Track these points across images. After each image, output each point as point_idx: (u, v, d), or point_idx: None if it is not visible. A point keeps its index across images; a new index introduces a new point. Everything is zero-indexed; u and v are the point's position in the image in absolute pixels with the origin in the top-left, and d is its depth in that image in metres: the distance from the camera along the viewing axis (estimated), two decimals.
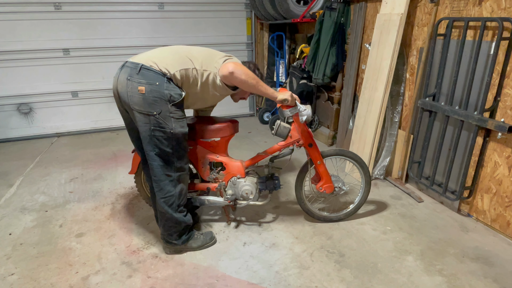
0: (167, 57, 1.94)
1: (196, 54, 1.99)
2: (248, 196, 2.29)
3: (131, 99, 1.86)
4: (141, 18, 4.37)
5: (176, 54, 1.97)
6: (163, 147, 1.93)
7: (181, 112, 1.95)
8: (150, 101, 1.85)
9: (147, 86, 1.84)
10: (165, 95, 1.86)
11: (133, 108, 1.88)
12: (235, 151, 3.68)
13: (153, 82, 1.85)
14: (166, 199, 2.01)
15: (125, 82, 1.87)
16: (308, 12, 3.89)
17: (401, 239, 2.26)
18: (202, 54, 2.01)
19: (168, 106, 1.88)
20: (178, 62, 1.92)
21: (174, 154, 1.96)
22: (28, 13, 3.93)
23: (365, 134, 3.05)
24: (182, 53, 1.97)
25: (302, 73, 4.04)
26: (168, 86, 1.87)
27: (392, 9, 2.82)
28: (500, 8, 2.15)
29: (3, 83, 4.06)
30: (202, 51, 2.04)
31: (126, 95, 1.87)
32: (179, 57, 1.95)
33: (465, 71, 2.39)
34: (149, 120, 1.88)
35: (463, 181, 2.41)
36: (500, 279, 1.91)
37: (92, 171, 3.34)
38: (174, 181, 2.00)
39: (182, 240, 2.11)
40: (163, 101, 1.86)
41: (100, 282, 1.91)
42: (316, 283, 1.89)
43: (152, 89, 1.84)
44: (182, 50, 2.01)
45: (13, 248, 2.20)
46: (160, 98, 1.85)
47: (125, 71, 1.89)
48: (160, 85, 1.85)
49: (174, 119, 1.91)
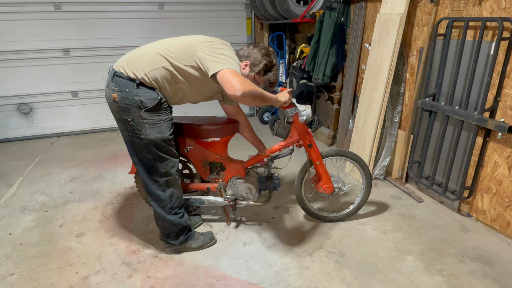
0: (139, 59, 1.84)
1: (173, 48, 1.84)
2: (248, 196, 2.29)
3: (110, 106, 1.89)
4: (141, 18, 4.37)
5: (149, 53, 1.85)
6: (143, 153, 1.89)
7: (157, 116, 1.84)
8: (123, 108, 1.83)
9: (119, 94, 1.81)
10: (135, 101, 1.79)
11: (113, 114, 1.91)
12: (235, 151, 3.68)
13: (124, 89, 1.80)
14: (157, 202, 1.99)
15: (106, 89, 1.89)
16: (308, 12, 3.88)
17: (401, 239, 2.26)
18: (179, 47, 1.85)
19: (140, 112, 1.81)
20: (147, 63, 1.81)
21: (155, 160, 1.90)
22: (28, 13, 3.93)
23: (365, 134, 3.05)
24: (157, 50, 1.84)
25: (302, 73, 4.04)
26: (138, 92, 1.79)
27: (392, 9, 2.81)
28: (500, 8, 2.15)
29: (3, 83, 4.06)
30: (181, 43, 1.87)
31: (108, 102, 1.90)
32: (148, 57, 1.83)
33: (465, 71, 2.39)
34: (126, 127, 1.86)
35: (463, 181, 2.41)
36: (500, 279, 1.91)
37: (92, 171, 3.34)
38: (162, 186, 1.96)
39: (180, 241, 2.10)
40: (134, 107, 1.81)
41: (100, 282, 1.91)
42: (316, 283, 1.89)
43: (123, 96, 1.80)
44: (158, 47, 1.86)
45: (13, 248, 2.20)
46: (131, 105, 1.80)
47: (107, 78, 1.90)
48: (130, 91, 1.79)
49: (149, 125, 1.83)
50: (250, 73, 1.98)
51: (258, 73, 1.99)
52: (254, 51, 1.98)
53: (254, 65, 1.98)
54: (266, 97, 1.82)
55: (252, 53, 1.98)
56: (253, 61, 1.97)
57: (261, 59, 1.97)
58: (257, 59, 1.97)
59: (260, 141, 2.42)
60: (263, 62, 1.97)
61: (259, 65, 1.97)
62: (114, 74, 1.85)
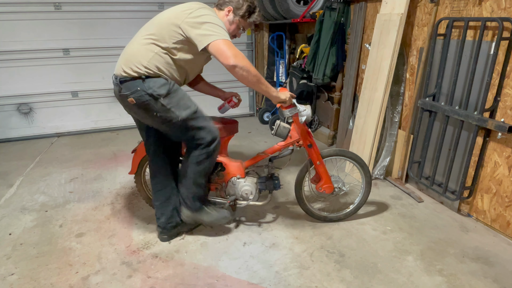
0: (132, 55, 1.86)
1: (154, 29, 1.85)
2: (248, 196, 2.29)
3: (134, 112, 1.97)
4: (141, 18, 4.36)
5: (138, 45, 1.87)
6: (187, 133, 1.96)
7: (176, 97, 1.89)
8: (144, 107, 1.87)
9: (134, 96, 1.85)
10: (150, 95, 1.84)
11: (139, 119, 2.01)
12: (235, 151, 3.68)
13: (135, 90, 1.84)
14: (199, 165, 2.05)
15: (119, 99, 1.95)
16: (308, 12, 3.88)
17: (401, 239, 2.26)
18: (159, 26, 1.85)
19: (160, 101, 1.85)
20: (141, 56, 1.83)
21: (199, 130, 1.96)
22: (28, 13, 3.93)
23: (365, 134, 3.05)
24: (143, 40, 1.86)
25: (302, 73, 4.04)
26: (148, 84, 1.83)
27: (392, 9, 2.81)
28: (500, 8, 2.15)
29: (3, 83, 4.07)
30: (160, 21, 1.86)
31: (131, 112, 1.99)
32: (138, 50, 1.85)
33: (465, 71, 2.39)
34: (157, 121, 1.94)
35: (463, 181, 2.41)
36: (500, 279, 1.91)
37: (92, 171, 3.35)
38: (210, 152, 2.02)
39: (196, 207, 2.13)
40: (152, 100, 1.85)
41: (100, 282, 1.91)
42: (316, 283, 1.89)
43: (138, 96, 1.84)
44: (142, 35, 1.88)
45: (13, 248, 2.20)
46: (148, 100, 1.85)
47: (115, 89, 1.95)
48: (141, 88, 1.83)
49: (174, 107, 1.88)
50: (235, 18, 2.00)
51: (242, 16, 1.99)
52: None
53: (238, 9, 1.98)
54: (264, 81, 1.88)
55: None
56: (236, 4, 1.97)
57: (243, 2, 1.97)
58: (239, 2, 1.97)
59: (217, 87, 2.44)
60: (245, 4, 1.98)
61: (242, 7, 1.98)
62: (119, 81, 1.88)
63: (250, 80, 1.82)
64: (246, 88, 5.20)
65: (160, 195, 2.17)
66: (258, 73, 1.84)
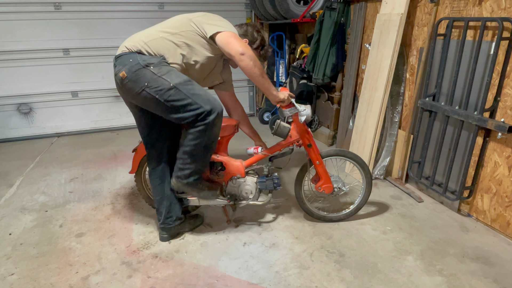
0: (138, 35, 1.97)
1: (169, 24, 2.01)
2: (248, 196, 2.29)
3: (124, 91, 1.94)
4: (141, 18, 4.37)
5: (148, 30, 2.00)
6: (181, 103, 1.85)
7: (166, 67, 1.88)
8: (135, 79, 1.85)
9: (125, 68, 1.86)
10: (141, 64, 1.84)
11: (133, 97, 1.92)
12: (235, 151, 3.68)
13: (127, 61, 1.87)
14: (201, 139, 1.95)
15: (114, 78, 1.96)
16: (308, 12, 3.89)
17: (401, 239, 2.26)
18: (174, 19, 2.04)
19: (149, 70, 1.84)
20: (145, 35, 1.94)
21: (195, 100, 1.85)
22: (28, 13, 3.93)
23: (365, 134, 3.05)
24: (154, 28, 2.00)
25: (302, 73, 4.04)
26: (142, 58, 1.86)
27: (392, 9, 2.81)
28: (500, 8, 2.15)
29: (3, 83, 4.06)
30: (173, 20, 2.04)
31: (122, 92, 1.97)
32: (144, 31, 1.99)
33: (465, 71, 2.39)
34: (150, 94, 1.85)
35: (463, 181, 2.41)
36: (500, 279, 1.91)
37: (92, 171, 3.34)
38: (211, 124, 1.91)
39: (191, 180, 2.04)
40: (142, 69, 1.84)
41: (100, 282, 1.91)
42: (316, 283, 1.89)
43: (129, 66, 1.86)
44: (154, 29, 2.01)
45: (13, 248, 2.20)
46: (139, 70, 1.84)
47: (114, 72, 1.97)
48: (133, 59, 1.86)
49: (165, 74, 1.85)
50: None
51: (256, 48, 2.18)
52: (249, 29, 2.17)
53: (253, 42, 2.16)
54: (266, 77, 1.95)
55: (249, 31, 2.16)
56: (251, 38, 2.16)
57: (257, 36, 2.17)
58: (254, 36, 2.16)
59: (257, 133, 2.50)
60: (258, 38, 2.18)
61: (256, 41, 2.17)
62: (115, 59, 1.94)
63: (254, 72, 1.88)
64: (246, 88, 5.21)
65: (159, 190, 2.17)
66: (262, 67, 1.92)
